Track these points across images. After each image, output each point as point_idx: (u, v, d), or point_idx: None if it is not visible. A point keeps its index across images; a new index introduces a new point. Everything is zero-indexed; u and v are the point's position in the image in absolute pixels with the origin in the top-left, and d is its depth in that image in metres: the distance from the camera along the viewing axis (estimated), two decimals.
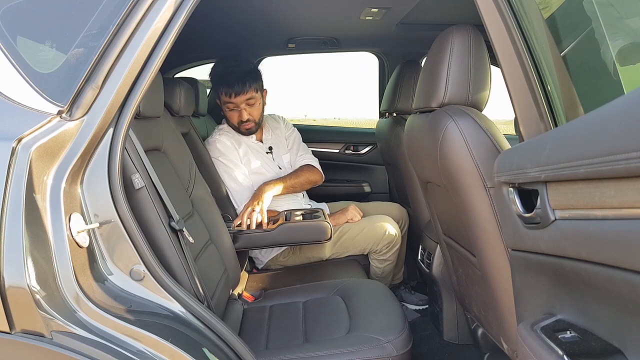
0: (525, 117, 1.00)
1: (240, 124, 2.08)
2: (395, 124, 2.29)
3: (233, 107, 2.05)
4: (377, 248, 2.07)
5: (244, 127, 2.10)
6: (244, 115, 2.05)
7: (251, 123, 2.09)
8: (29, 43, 0.98)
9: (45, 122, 0.90)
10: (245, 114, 2.05)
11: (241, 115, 2.05)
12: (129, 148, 1.07)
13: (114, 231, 0.97)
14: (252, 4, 1.92)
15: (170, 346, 0.92)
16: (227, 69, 2.04)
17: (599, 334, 0.70)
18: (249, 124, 2.08)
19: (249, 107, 2.05)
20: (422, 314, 2.20)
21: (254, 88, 2.03)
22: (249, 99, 2.03)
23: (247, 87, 2.01)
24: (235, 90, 2.00)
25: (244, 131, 2.12)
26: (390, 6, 1.92)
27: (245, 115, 2.05)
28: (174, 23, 0.98)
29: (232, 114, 2.07)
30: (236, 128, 2.12)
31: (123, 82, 0.95)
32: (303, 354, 1.25)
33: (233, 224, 1.86)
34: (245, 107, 2.05)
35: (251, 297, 1.76)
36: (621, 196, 0.56)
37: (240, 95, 2.01)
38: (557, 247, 0.73)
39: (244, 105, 2.04)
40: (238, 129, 2.12)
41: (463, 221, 1.21)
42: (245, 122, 2.07)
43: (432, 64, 1.25)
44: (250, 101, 2.04)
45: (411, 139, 1.46)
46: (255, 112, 2.09)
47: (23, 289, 0.82)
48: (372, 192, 2.98)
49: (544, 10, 1.06)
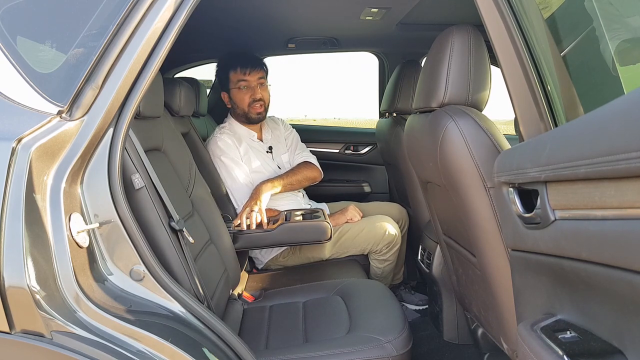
0: (525, 117, 0.99)
1: (251, 104, 2.11)
2: (395, 124, 2.29)
3: (246, 84, 2.09)
4: (377, 248, 2.07)
5: (255, 110, 2.12)
6: (257, 93, 2.10)
7: (262, 105, 2.13)
8: (29, 43, 0.98)
9: (45, 122, 0.90)
10: (258, 92, 2.10)
11: (255, 92, 2.10)
12: (129, 148, 1.07)
13: (114, 231, 0.97)
14: (252, 4, 1.92)
15: (170, 346, 0.92)
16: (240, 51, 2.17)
17: (599, 334, 0.70)
18: (260, 105, 2.12)
19: (261, 87, 2.12)
20: (422, 314, 2.20)
21: (264, 71, 2.13)
22: (260, 77, 2.11)
23: (261, 65, 2.12)
24: (250, 67, 2.08)
25: (254, 116, 2.13)
26: (390, 6, 1.92)
27: (259, 93, 2.10)
28: (174, 23, 0.98)
29: (243, 94, 2.10)
30: (244, 114, 2.14)
31: (123, 82, 0.95)
32: (303, 354, 1.25)
33: (233, 224, 1.86)
34: (258, 86, 2.11)
35: (251, 297, 1.76)
36: (621, 196, 0.56)
37: (254, 73, 2.09)
38: (557, 247, 0.73)
39: (256, 83, 2.10)
40: (247, 115, 2.13)
41: (463, 221, 1.21)
42: (257, 101, 2.10)
43: (432, 64, 1.25)
44: (261, 80, 2.11)
45: (411, 139, 1.46)
46: (266, 95, 2.15)
47: (23, 289, 0.82)
48: (372, 192, 2.98)
49: (544, 10, 1.06)
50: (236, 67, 2.09)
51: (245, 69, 2.08)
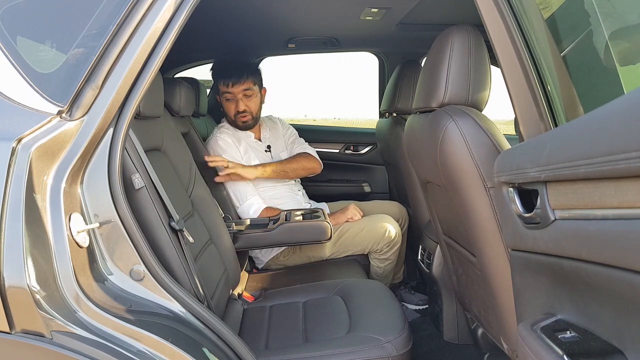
0: (525, 117, 0.99)
1: (236, 115, 2.10)
2: (395, 124, 2.29)
3: (230, 97, 2.08)
4: (378, 247, 2.07)
5: (241, 119, 2.12)
6: (240, 105, 2.08)
7: (248, 115, 2.11)
8: (29, 43, 0.98)
9: (45, 122, 0.90)
10: (241, 105, 2.08)
11: (238, 105, 2.08)
12: (129, 148, 1.07)
13: (114, 231, 0.97)
14: (252, 4, 1.92)
15: (170, 346, 0.92)
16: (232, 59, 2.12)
17: (599, 334, 0.70)
18: (245, 115, 2.11)
19: (246, 98, 2.09)
20: (422, 314, 2.20)
21: (251, 80, 2.08)
22: (246, 89, 2.07)
23: (244, 77, 2.06)
24: (233, 80, 2.05)
25: (240, 124, 2.13)
26: (390, 6, 1.92)
27: (242, 105, 2.08)
28: (174, 23, 0.98)
29: (229, 105, 2.10)
30: (233, 122, 2.14)
31: (123, 82, 0.95)
32: (303, 354, 1.25)
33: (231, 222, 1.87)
34: (242, 98, 2.08)
35: (251, 297, 1.76)
36: (621, 196, 0.56)
37: (237, 85, 2.06)
38: (557, 247, 0.73)
39: (240, 95, 2.08)
40: (235, 123, 2.14)
41: (463, 221, 1.21)
42: (241, 112, 2.09)
43: (432, 64, 1.25)
44: (247, 92, 2.08)
45: (411, 139, 1.46)
46: (253, 105, 2.12)
47: (23, 289, 0.82)
48: (372, 192, 2.98)
49: (544, 10, 1.06)
50: (220, 79, 2.08)
51: (228, 81, 2.06)
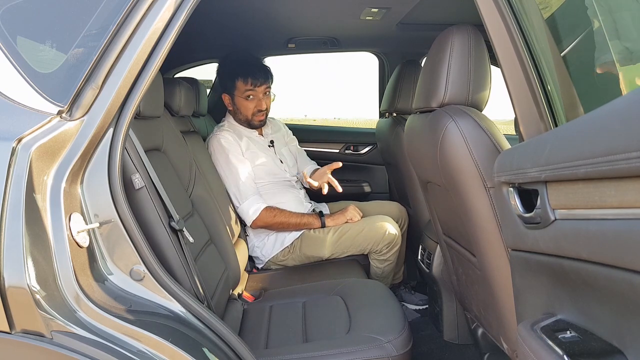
0: (525, 117, 0.99)
1: (255, 114, 2.12)
2: (395, 124, 2.29)
3: (253, 95, 2.09)
4: (377, 248, 2.07)
5: (258, 119, 2.14)
6: (263, 104, 2.11)
7: (264, 114, 2.15)
8: (29, 43, 0.98)
9: (46, 122, 0.90)
10: (264, 103, 2.11)
11: (261, 104, 2.11)
12: (129, 148, 1.07)
13: (114, 231, 0.97)
14: (252, 4, 1.92)
15: (170, 346, 0.92)
16: (248, 58, 2.12)
17: (599, 334, 0.70)
18: (263, 114, 2.14)
19: (265, 96, 2.12)
20: (422, 314, 2.20)
21: (271, 80, 2.14)
22: (267, 87, 2.11)
23: (268, 77, 2.11)
24: (260, 80, 2.07)
25: (257, 123, 2.16)
26: (390, 6, 1.92)
27: (264, 104, 2.11)
28: (174, 23, 0.98)
29: (248, 104, 2.11)
30: (247, 121, 2.15)
31: (123, 82, 0.95)
32: (303, 353, 1.25)
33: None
34: (263, 97, 2.11)
35: (251, 297, 1.76)
36: (621, 196, 0.56)
37: (263, 85, 2.09)
38: (557, 247, 0.73)
39: (262, 95, 2.10)
40: (250, 121, 2.15)
41: (463, 221, 1.21)
42: (262, 111, 2.12)
43: (432, 64, 1.25)
44: (267, 90, 2.12)
45: (411, 139, 1.46)
46: (269, 103, 2.17)
47: (23, 288, 0.82)
48: (372, 192, 2.98)
49: (544, 10, 1.06)
50: (246, 78, 2.06)
51: (256, 81, 2.06)
